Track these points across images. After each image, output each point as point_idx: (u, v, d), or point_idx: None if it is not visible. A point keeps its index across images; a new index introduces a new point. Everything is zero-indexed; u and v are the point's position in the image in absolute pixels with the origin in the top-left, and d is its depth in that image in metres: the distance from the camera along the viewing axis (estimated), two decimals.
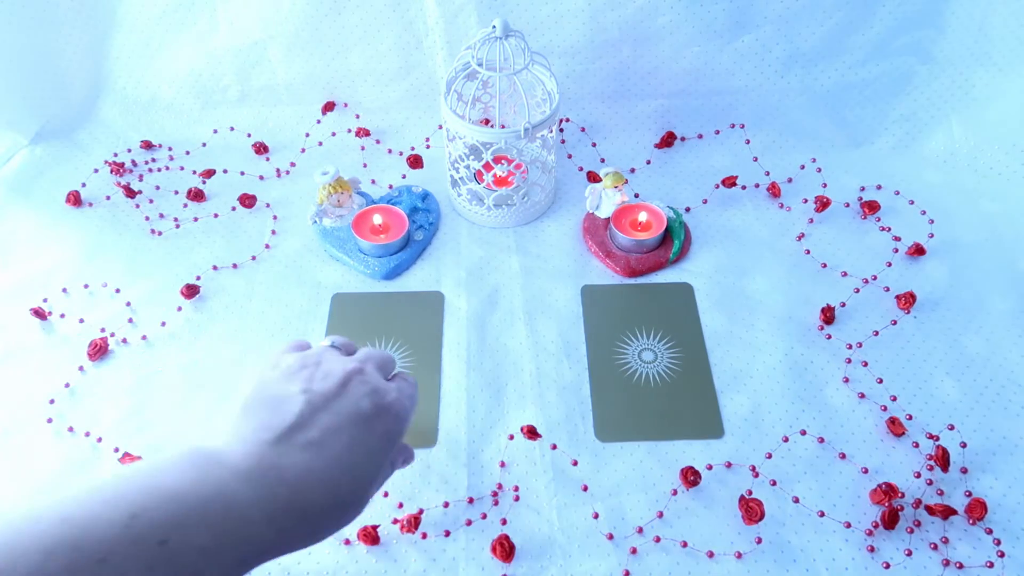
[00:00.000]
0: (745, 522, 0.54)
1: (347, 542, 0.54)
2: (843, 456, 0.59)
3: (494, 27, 0.65)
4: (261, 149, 0.85)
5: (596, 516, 0.55)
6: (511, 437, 0.60)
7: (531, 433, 0.59)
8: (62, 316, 0.69)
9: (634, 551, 0.54)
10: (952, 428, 0.60)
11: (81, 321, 0.69)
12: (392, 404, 0.44)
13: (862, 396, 0.63)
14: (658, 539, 0.54)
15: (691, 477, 0.56)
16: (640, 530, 0.55)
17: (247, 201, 0.79)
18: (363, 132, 0.86)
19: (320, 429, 0.40)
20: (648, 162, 0.84)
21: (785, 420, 0.61)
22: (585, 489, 0.57)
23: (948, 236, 0.75)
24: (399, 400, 0.45)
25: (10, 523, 0.31)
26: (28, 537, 0.30)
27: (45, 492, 0.57)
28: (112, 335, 0.67)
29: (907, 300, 0.68)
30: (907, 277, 0.72)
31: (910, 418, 0.61)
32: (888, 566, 0.53)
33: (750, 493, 0.56)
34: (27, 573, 0.29)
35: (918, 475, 0.58)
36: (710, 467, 0.58)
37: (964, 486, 0.57)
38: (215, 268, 0.73)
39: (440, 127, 0.85)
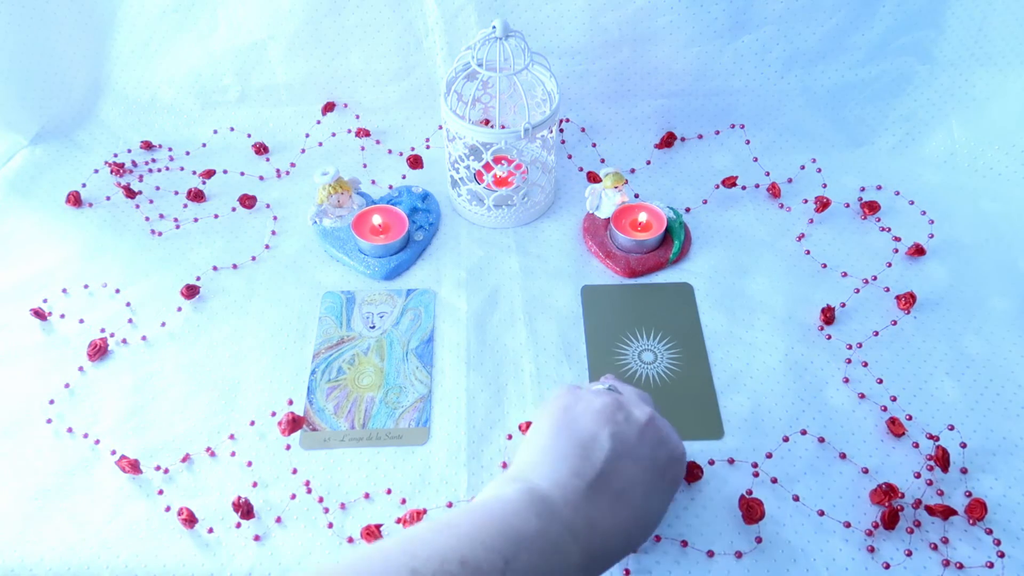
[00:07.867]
0: (745, 522, 0.54)
1: (350, 540, 0.54)
2: (843, 456, 0.59)
3: (494, 27, 0.65)
4: (261, 149, 0.85)
5: None
6: (509, 437, 0.60)
7: None
8: (62, 316, 0.69)
9: (633, 550, 0.54)
10: (952, 428, 0.60)
11: (81, 321, 0.69)
12: (677, 452, 0.48)
13: (862, 396, 0.63)
14: (658, 538, 0.54)
15: (693, 471, 0.56)
16: None
17: (247, 201, 0.79)
18: (363, 132, 0.86)
19: (623, 480, 0.45)
20: (648, 162, 0.84)
21: (785, 420, 0.61)
22: None
23: (948, 236, 0.75)
24: (679, 445, 0.49)
25: (365, 556, 0.37)
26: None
27: (47, 493, 0.57)
28: (112, 335, 0.67)
29: (907, 300, 0.68)
30: (907, 277, 0.72)
31: (910, 418, 0.61)
32: (888, 566, 0.53)
33: (750, 493, 0.56)
34: None
35: (918, 475, 0.58)
36: (712, 462, 0.58)
37: (964, 486, 0.57)
38: (215, 268, 0.73)
39: (440, 127, 0.85)
